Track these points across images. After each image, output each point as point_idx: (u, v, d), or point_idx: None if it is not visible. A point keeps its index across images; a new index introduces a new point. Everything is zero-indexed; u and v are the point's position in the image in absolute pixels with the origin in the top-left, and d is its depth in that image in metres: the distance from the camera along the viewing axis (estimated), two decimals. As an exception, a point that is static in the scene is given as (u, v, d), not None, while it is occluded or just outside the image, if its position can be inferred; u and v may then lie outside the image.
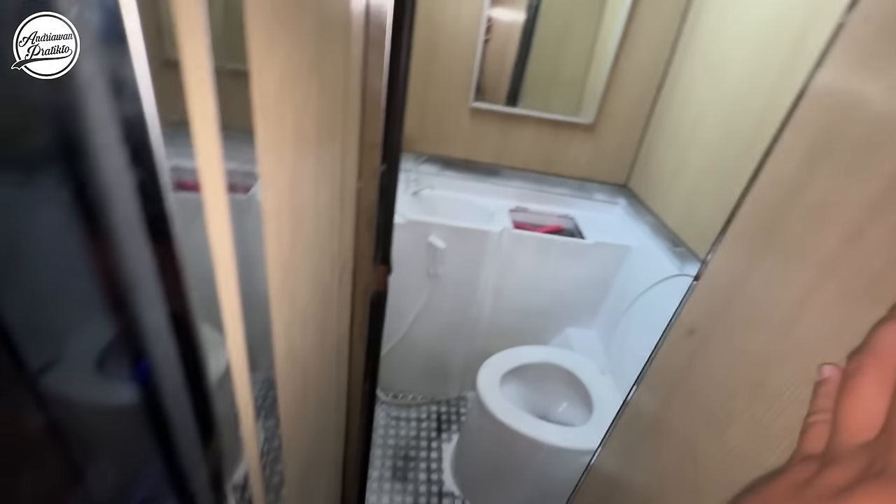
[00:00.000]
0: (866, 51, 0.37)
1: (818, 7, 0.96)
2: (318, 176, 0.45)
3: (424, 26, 1.52)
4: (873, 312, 0.29)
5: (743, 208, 0.51)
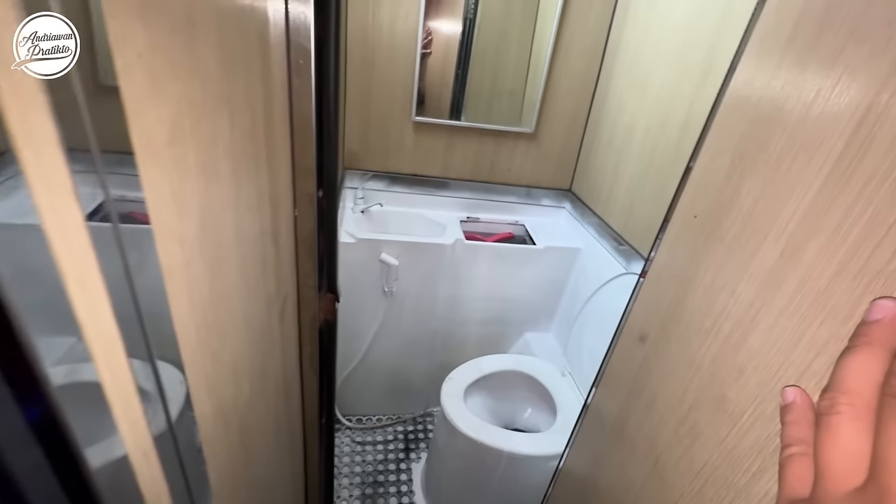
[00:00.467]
0: (776, 62, 0.38)
1: (728, 19, 1.02)
2: (241, 213, 0.42)
3: (359, 43, 1.50)
4: (823, 330, 0.29)
5: (676, 214, 0.52)
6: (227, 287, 0.39)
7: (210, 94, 0.32)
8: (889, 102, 0.27)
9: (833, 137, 0.31)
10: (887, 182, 0.27)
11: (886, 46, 0.28)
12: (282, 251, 0.62)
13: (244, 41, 0.38)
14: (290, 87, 0.57)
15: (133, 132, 0.22)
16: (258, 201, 0.47)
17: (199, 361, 0.34)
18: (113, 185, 0.23)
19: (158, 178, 0.25)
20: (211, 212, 0.34)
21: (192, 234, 0.30)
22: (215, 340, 0.37)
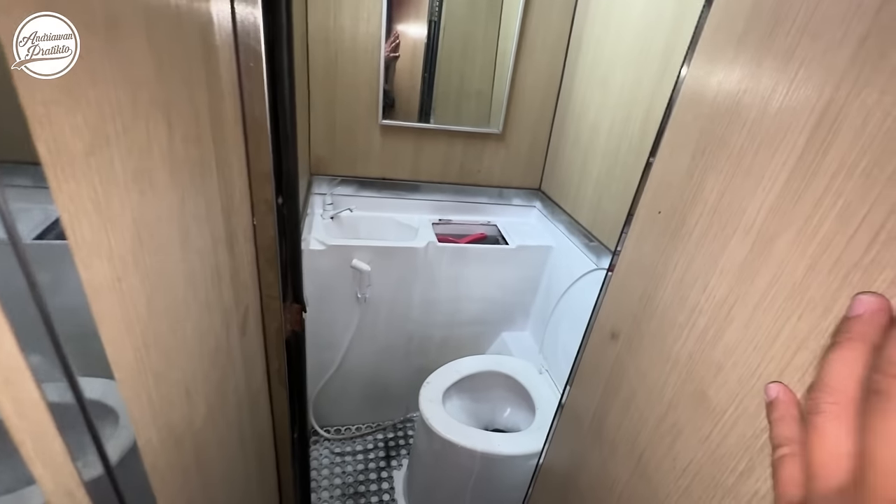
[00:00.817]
0: (730, 57, 0.38)
1: (682, 16, 1.04)
2: (187, 223, 0.39)
3: (321, 46, 1.47)
4: (802, 324, 0.29)
5: (639, 210, 0.52)
6: (172, 302, 0.36)
7: (142, 99, 0.29)
8: (849, 97, 0.27)
9: (795, 132, 0.31)
10: (855, 175, 0.26)
11: (842, 42, 0.28)
12: (240, 261, 0.59)
13: (182, 43, 0.36)
14: (241, 90, 0.54)
15: (39, 141, 0.20)
16: (207, 210, 0.44)
17: (139, 384, 0.31)
18: (21, 199, 0.21)
19: (75, 190, 0.23)
20: (148, 223, 0.31)
21: (123, 249, 0.28)
22: (159, 360, 0.34)
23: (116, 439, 0.30)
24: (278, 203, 0.65)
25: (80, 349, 0.25)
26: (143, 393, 0.32)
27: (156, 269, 0.33)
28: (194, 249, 0.41)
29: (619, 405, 0.55)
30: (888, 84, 0.25)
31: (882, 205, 0.24)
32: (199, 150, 0.41)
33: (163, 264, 0.34)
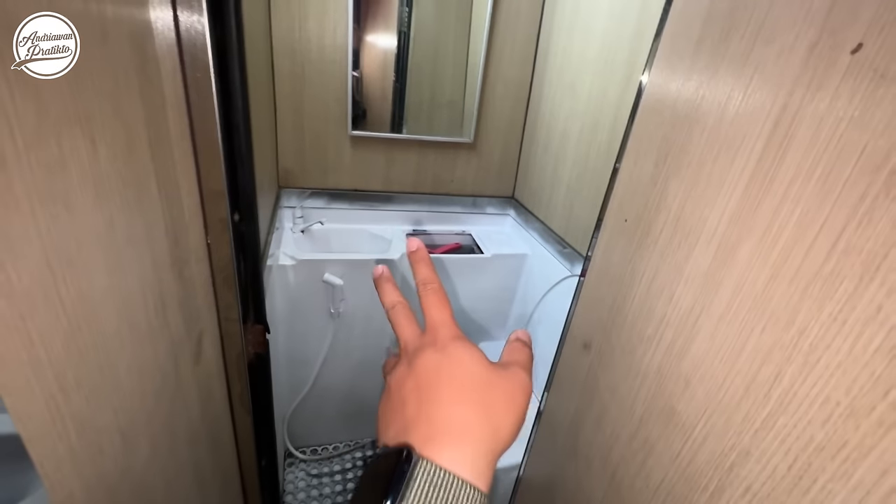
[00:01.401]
0: (688, 64, 0.37)
1: (644, 25, 1.06)
2: (119, 248, 0.36)
3: (287, 57, 1.44)
4: (765, 337, 0.28)
5: (607, 218, 0.51)
6: (100, 337, 0.33)
7: (52, 113, 0.26)
8: (804, 101, 0.27)
9: (752, 137, 0.30)
10: (812, 181, 0.26)
11: (794, 45, 0.28)
12: (191, 284, 0.55)
13: (106, 52, 0.33)
14: (188, 103, 0.51)
15: None
16: (146, 232, 0.41)
17: (54, 435, 0.28)
18: None
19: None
20: (64, 251, 0.28)
21: (27, 282, 0.25)
22: (82, 405, 0.30)
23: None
24: (234, 220, 0.61)
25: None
26: (61, 444, 0.28)
27: (76, 301, 0.29)
28: (129, 275, 0.37)
29: (593, 419, 0.53)
30: (840, 88, 0.24)
31: (839, 211, 0.24)
32: (132, 168, 0.37)
33: (85, 296, 0.31)
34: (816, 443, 0.24)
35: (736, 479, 0.30)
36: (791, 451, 0.26)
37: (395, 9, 1.50)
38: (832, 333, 0.24)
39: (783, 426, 0.26)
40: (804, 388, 0.25)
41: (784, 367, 0.26)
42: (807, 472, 0.25)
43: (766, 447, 0.27)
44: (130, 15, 0.38)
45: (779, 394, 0.27)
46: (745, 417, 0.29)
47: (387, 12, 1.51)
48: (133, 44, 0.38)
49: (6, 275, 0.23)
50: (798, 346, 0.26)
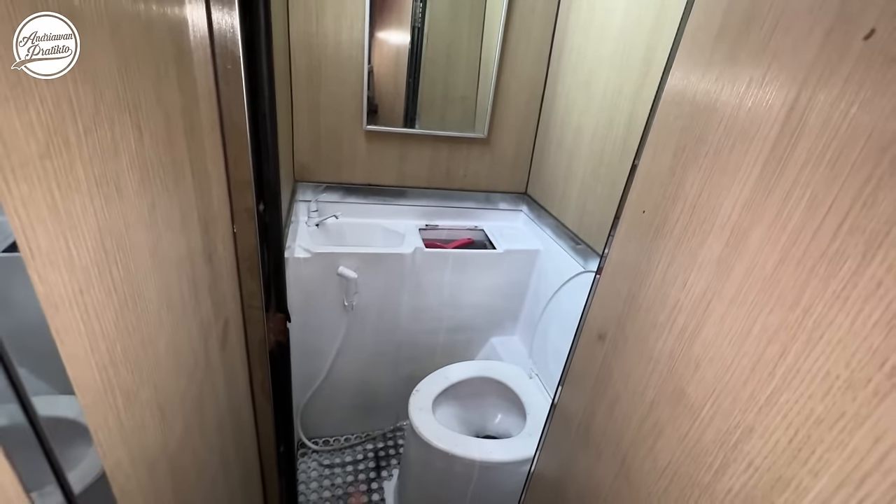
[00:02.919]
0: (708, 55, 0.38)
1: (661, 23, 1.06)
2: (159, 231, 0.38)
3: (304, 53, 1.46)
4: (772, 317, 0.29)
5: (625, 210, 0.52)
6: (143, 315, 0.35)
7: (106, 99, 0.28)
8: (816, 88, 0.28)
9: (767, 125, 0.31)
10: (821, 166, 0.27)
11: (809, 35, 0.28)
12: (219, 271, 0.57)
13: (150, 42, 0.35)
14: (217, 94, 0.53)
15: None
16: (182, 218, 0.43)
17: (106, 405, 0.30)
18: None
19: (28, 195, 0.22)
20: (114, 232, 0.30)
21: (85, 258, 0.26)
22: (129, 378, 0.32)
23: (86, 461, 0.29)
24: (259, 210, 0.63)
25: (37, 372, 0.23)
26: (111, 414, 0.30)
27: (124, 280, 0.31)
28: (168, 259, 0.39)
29: (605, 407, 0.54)
30: (851, 74, 0.25)
31: (845, 194, 0.25)
32: (171, 154, 0.39)
33: (132, 275, 0.32)
34: (816, 415, 0.25)
35: (740, 454, 0.31)
36: (792, 425, 0.27)
37: (409, 4, 1.51)
38: (835, 310, 0.25)
39: (786, 402, 0.27)
40: (807, 364, 0.26)
41: (789, 346, 0.28)
42: (806, 443, 0.26)
43: (769, 423, 0.29)
44: (171, 9, 0.40)
45: (783, 371, 0.28)
46: (751, 395, 0.30)
47: (401, 8, 1.52)
48: (172, 36, 0.40)
49: (69, 250, 0.25)
50: (803, 324, 0.27)
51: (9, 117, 0.20)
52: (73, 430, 0.28)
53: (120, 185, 0.30)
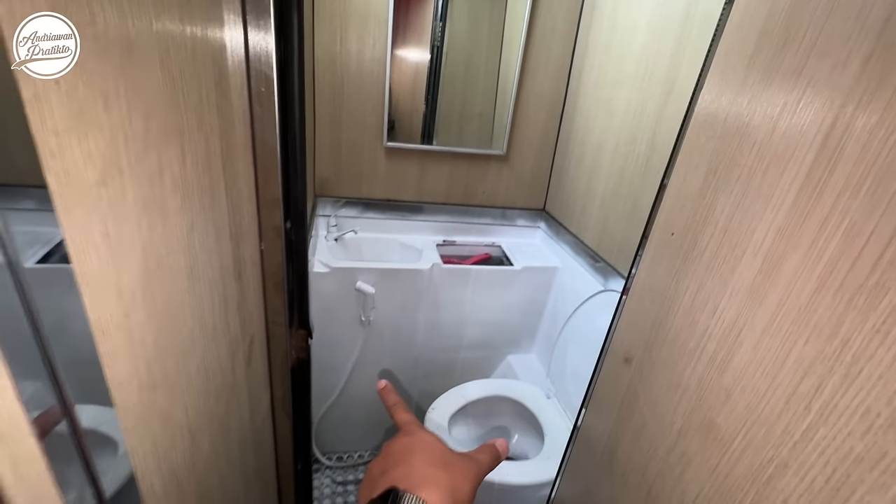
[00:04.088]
0: (741, 78, 0.38)
1: (683, 45, 1.06)
2: (196, 251, 0.39)
3: (328, 71, 1.49)
4: (808, 348, 0.28)
5: (653, 232, 0.52)
6: (178, 336, 0.35)
7: (154, 126, 0.29)
8: (854, 114, 0.27)
9: (802, 150, 0.31)
10: (860, 193, 0.26)
11: (847, 60, 0.28)
12: (247, 288, 0.58)
13: (194, 68, 0.36)
14: (251, 115, 0.55)
15: (49, 172, 0.20)
16: (216, 237, 0.44)
17: (143, 429, 0.30)
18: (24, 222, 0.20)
19: (85, 222, 0.22)
20: (157, 254, 0.31)
21: (132, 282, 0.27)
22: (164, 400, 0.33)
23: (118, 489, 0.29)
24: (286, 228, 0.64)
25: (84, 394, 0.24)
26: (148, 437, 0.31)
27: (164, 302, 0.32)
28: (202, 279, 0.40)
29: (631, 434, 0.53)
30: (891, 102, 0.25)
31: (886, 224, 0.24)
32: (209, 176, 0.41)
33: (171, 297, 0.33)
34: (856, 454, 0.24)
35: (773, 491, 0.30)
36: (830, 462, 0.26)
37: (430, 24, 1.54)
38: (875, 344, 0.24)
39: (822, 437, 0.27)
40: (845, 400, 0.25)
41: (826, 379, 0.27)
42: (845, 483, 0.25)
43: (805, 459, 0.28)
44: (213, 35, 0.41)
45: (819, 405, 0.27)
46: (785, 429, 0.29)
47: (421, 27, 1.56)
48: (213, 61, 0.42)
49: (117, 275, 0.26)
50: (840, 357, 0.26)
51: (71, 149, 0.21)
52: (98, 440, 0.28)
53: (164, 209, 0.31)
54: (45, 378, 0.21)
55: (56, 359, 0.21)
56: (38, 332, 0.20)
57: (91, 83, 0.22)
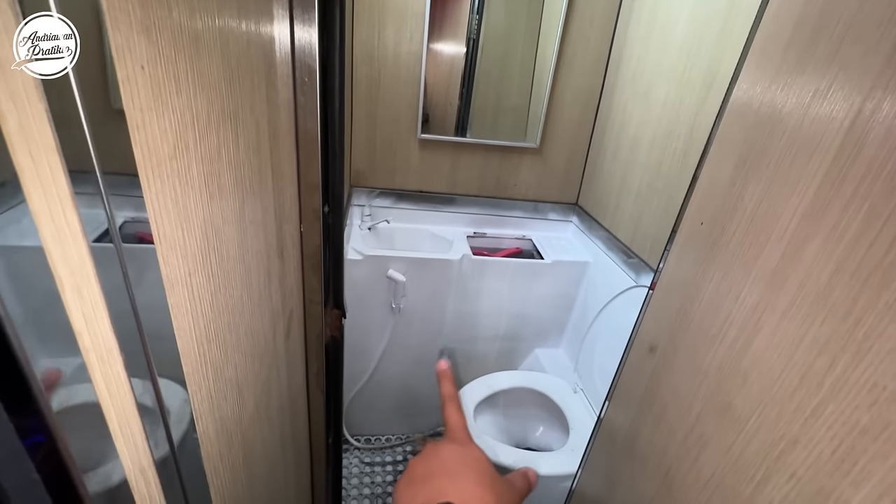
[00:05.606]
0: (776, 65, 0.38)
1: (726, 37, 1.03)
2: (245, 226, 0.42)
3: (365, 64, 1.53)
4: (824, 328, 0.29)
5: (684, 222, 0.52)
6: (230, 300, 0.39)
7: (215, 109, 0.33)
8: (882, 98, 0.28)
9: (829, 136, 0.31)
10: (881, 177, 0.27)
11: (878, 45, 0.28)
12: (287, 266, 0.62)
13: (248, 58, 0.40)
14: (295, 104, 0.58)
15: (135, 144, 0.23)
16: (263, 215, 0.48)
17: (201, 376, 0.34)
18: (117, 205, 0.24)
19: (160, 190, 0.26)
20: (214, 224, 0.34)
21: (194, 246, 0.31)
22: (218, 355, 0.37)
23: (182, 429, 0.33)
24: (324, 212, 0.68)
25: (157, 343, 0.28)
26: (205, 385, 0.35)
27: (219, 267, 0.36)
28: (251, 251, 0.44)
29: (652, 420, 0.54)
30: None
31: None
32: (258, 158, 0.44)
33: (224, 264, 0.37)
34: (861, 426, 0.25)
35: (782, 466, 0.31)
36: (836, 436, 0.27)
37: (465, 17, 1.55)
38: (886, 321, 0.25)
39: (831, 413, 0.27)
40: (855, 375, 0.26)
41: (838, 357, 0.28)
42: (849, 454, 0.26)
43: (814, 434, 0.28)
44: (265, 29, 0.45)
45: (831, 382, 0.28)
46: (797, 407, 0.30)
47: (457, 21, 1.57)
48: (264, 52, 0.45)
49: (183, 238, 0.30)
50: (853, 335, 0.27)
51: (151, 124, 0.25)
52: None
53: (220, 184, 0.35)
54: (133, 326, 0.25)
55: (143, 322, 0.25)
56: (131, 295, 0.24)
57: (167, 69, 0.26)
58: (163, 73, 0.25)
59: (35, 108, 0.18)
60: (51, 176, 0.18)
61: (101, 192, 0.22)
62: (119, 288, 0.23)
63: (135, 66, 0.22)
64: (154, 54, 0.24)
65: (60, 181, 0.19)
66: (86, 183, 0.21)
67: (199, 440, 0.34)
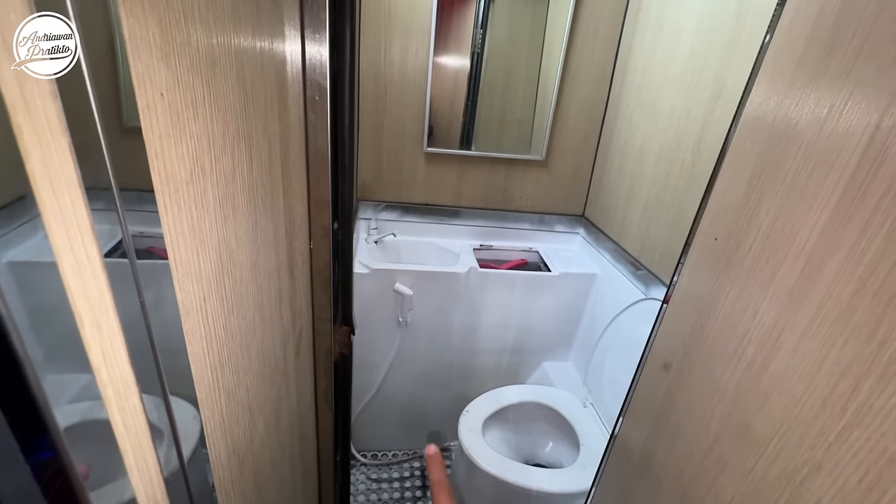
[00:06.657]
0: (788, 80, 0.38)
1: (733, 47, 1.03)
2: (258, 246, 0.42)
3: (372, 79, 1.55)
4: (846, 350, 0.28)
5: (697, 237, 0.52)
6: (242, 322, 0.39)
7: (231, 131, 0.33)
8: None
9: (847, 152, 0.31)
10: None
11: (894, 62, 0.28)
12: (297, 284, 0.62)
13: (262, 79, 0.40)
14: (305, 121, 0.59)
15: (154, 171, 0.23)
16: (274, 234, 0.48)
17: (214, 400, 0.34)
18: (132, 221, 0.24)
19: (177, 216, 0.26)
20: (228, 246, 0.34)
21: (209, 270, 0.31)
22: (230, 378, 0.36)
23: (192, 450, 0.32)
24: (334, 228, 0.68)
25: (170, 366, 0.27)
26: (217, 409, 0.34)
27: (232, 290, 0.36)
28: (262, 272, 0.44)
29: (667, 439, 0.53)
30: None
31: None
32: (270, 177, 0.44)
33: (237, 286, 0.37)
34: (889, 455, 0.24)
35: (806, 493, 0.30)
36: (863, 463, 0.26)
37: (470, 31, 1.57)
38: None
39: (857, 439, 0.26)
40: (880, 401, 0.25)
41: (862, 380, 0.27)
42: (877, 484, 0.25)
43: (839, 460, 0.28)
44: (277, 49, 0.45)
45: (855, 406, 0.27)
46: (820, 431, 0.29)
47: (461, 35, 1.59)
48: (276, 72, 0.46)
49: (198, 262, 0.29)
50: (877, 358, 0.26)
51: (169, 150, 0.25)
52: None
53: (234, 205, 0.35)
54: (149, 356, 0.25)
55: (157, 346, 0.25)
56: (145, 317, 0.23)
57: (185, 94, 0.26)
58: (181, 99, 0.25)
59: (59, 142, 0.18)
60: (72, 208, 0.18)
61: (120, 216, 0.22)
62: (136, 315, 0.23)
63: (154, 93, 0.22)
64: (173, 81, 0.24)
65: (81, 213, 0.19)
66: (104, 208, 0.21)
67: (212, 466, 0.34)
